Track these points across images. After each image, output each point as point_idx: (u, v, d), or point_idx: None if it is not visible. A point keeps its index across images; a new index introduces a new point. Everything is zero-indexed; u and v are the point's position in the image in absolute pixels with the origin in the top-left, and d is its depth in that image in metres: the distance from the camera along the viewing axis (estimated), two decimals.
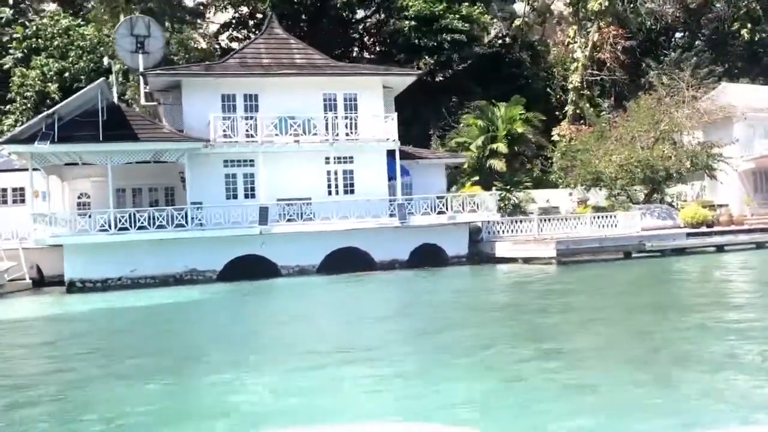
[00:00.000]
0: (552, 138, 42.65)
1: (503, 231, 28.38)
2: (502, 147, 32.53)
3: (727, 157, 35.83)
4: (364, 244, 25.96)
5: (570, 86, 47.16)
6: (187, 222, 23.53)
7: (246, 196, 25.53)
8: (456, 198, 26.77)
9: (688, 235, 25.26)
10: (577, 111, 45.28)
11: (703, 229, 29.19)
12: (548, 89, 48.72)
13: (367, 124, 26.57)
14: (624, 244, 25.10)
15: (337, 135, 26.15)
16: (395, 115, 26.64)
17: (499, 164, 32.44)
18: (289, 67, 26.99)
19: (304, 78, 26.51)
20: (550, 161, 38.10)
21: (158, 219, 23.22)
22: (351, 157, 26.72)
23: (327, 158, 26.39)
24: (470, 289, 20.29)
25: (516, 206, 33.59)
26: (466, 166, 33.38)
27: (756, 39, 49.72)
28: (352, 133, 26.27)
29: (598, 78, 46.21)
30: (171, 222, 23.33)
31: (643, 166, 33.12)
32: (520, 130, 33.15)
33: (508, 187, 32.35)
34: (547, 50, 51.92)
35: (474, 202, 26.77)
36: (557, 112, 45.74)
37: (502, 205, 32.75)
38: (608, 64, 45.12)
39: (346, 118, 26.35)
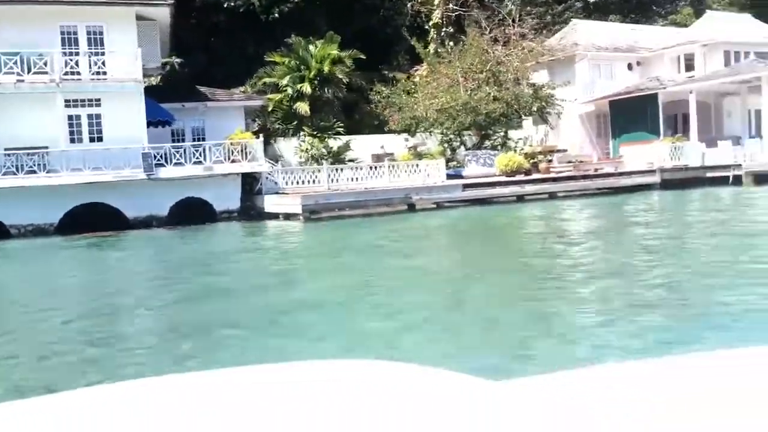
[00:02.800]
0: (415, 79, 39.82)
1: (289, 182, 25.58)
2: (307, 88, 29.56)
3: (561, 99, 33.79)
4: (114, 200, 22.96)
5: (431, 23, 44.28)
6: None
7: None
8: (218, 146, 23.83)
9: (466, 186, 23.01)
10: (439, 50, 42.47)
11: (521, 177, 27.17)
12: (415, 26, 45.63)
13: (117, 62, 23.19)
14: (387, 198, 22.69)
15: (77, 74, 22.74)
16: (140, 51, 23.14)
17: (303, 107, 29.52)
18: None
19: (36, 7, 22.80)
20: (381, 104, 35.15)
21: None
22: (98, 100, 23.41)
23: (68, 101, 22.99)
24: (167, 253, 17.61)
25: (333, 154, 30.95)
26: (270, 109, 30.39)
27: None
28: (91, 71, 22.85)
29: (454, 15, 43.23)
30: None
31: (467, 110, 30.77)
32: (328, 70, 30.14)
33: (316, 133, 29.58)
34: None
35: (240, 151, 23.91)
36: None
37: (314, 153, 30.12)
38: None
39: (88, 54, 22.91)
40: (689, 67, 34.67)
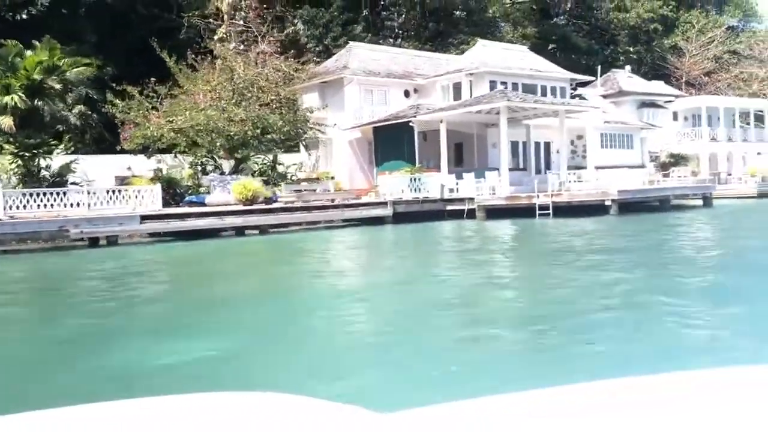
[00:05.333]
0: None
1: None
2: (10, 100, 25.63)
3: (320, 124, 31.92)
4: None
5: (216, 38, 41.45)
6: None
7: None
8: None
9: (144, 218, 20.01)
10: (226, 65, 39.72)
11: (261, 206, 24.51)
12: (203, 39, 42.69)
13: None
14: (32, 231, 19.14)
15: None
16: None
17: (7, 122, 25.54)
18: None
19: None
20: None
21: None
22: None
23: None
24: None
25: (52, 175, 27.18)
26: None
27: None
28: None
29: (241, 31, 40.73)
30: None
31: (208, 131, 28.03)
32: (41, 80, 26.39)
33: (18, 152, 25.69)
34: None
35: None
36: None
37: (21, 173, 26.23)
38: (245, 14, 39.83)
39: None
40: (458, 95, 33.92)
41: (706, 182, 37.85)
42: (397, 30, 49.95)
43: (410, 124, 29.60)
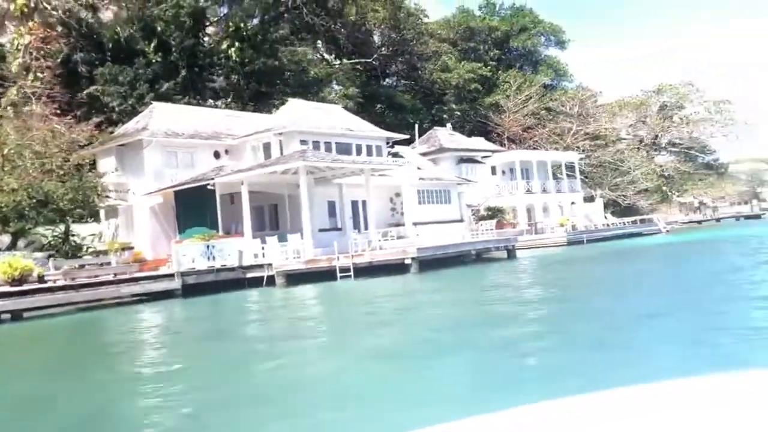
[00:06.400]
0: None
1: None
2: None
3: (118, 190, 29.37)
4: None
5: (3, 100, 37.60)
6: None
7: None
8: None
9: None
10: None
11: (32, 286, 21.21)
12: None
13: None
14: None
15: None
16: None
17: None
18: None
19: None
20: None
21: None
22: None
23: None
24: None
25: None
26: None
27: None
28: None
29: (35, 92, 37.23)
30: None
31: None
32: None
33: None
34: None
35: None
36: None
37: None
38: (37, 74, 36.57)
39: None
40: (269, 155, 32.65)
41: (522, 233, 38.95)
42: (218, 90, 48.44)
43: (209, 186, 27.76)
